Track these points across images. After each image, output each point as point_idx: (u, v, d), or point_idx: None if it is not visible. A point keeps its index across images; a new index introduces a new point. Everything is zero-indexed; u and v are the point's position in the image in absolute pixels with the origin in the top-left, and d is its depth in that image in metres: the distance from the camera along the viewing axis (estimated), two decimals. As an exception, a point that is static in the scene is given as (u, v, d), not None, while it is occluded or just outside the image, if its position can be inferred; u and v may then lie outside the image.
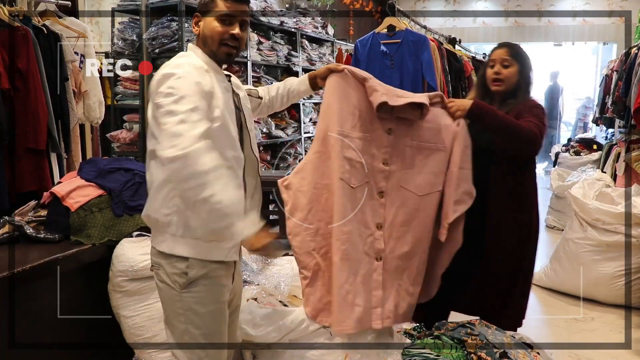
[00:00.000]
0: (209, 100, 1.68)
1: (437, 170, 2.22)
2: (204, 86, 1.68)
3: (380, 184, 2.18)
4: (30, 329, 2.15)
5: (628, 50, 4.56)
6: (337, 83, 2.11)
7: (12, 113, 3.01)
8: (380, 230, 2.17)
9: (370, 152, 2.15)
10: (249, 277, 2.55)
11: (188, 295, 1.76)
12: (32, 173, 3.10)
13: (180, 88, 1.62)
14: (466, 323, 2.43)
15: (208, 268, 1.76)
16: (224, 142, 1.73)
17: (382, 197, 2.18)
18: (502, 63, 2.45)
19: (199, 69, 1.72)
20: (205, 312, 1.78)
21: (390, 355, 2.25)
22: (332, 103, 2.11)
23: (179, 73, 1.64)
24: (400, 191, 2.19)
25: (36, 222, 2.45)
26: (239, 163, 1.81)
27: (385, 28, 3.66)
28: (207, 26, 1.78)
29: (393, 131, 2.18)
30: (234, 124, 1.80)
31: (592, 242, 3.74)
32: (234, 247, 1.81)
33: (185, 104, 1.59)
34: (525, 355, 2.25)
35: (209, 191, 1.55)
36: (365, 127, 2.13)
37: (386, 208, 2.18)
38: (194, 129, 1.57)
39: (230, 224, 1.60)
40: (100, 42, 5.71)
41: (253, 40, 5.27)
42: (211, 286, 1.78)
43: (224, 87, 1.80)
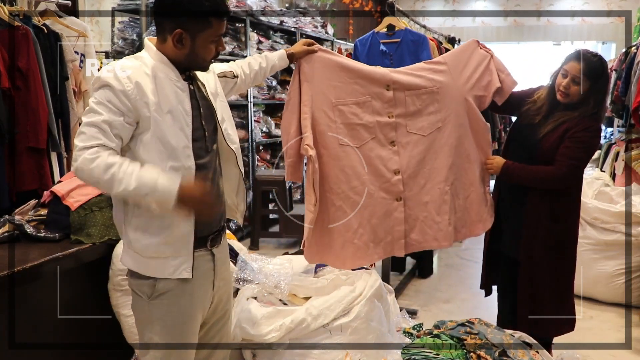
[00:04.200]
0: (133, 110, 1.61)
1: (434, 109, 2.47)
2: (134, 96, 1.60)
3: (390, 134, 2.44)
4: (30, 328, 2.15)
5: (627, 50, 4.55)
6: (315, 63, 2.31)
7: (13, 112, 3.01)
8: (398, 175, 2.44)
9: (374, 110, 2.40)
10: (248, 276, 2.56)
11: (154, 304, 1.75)
12: (32, 172, 3.10)
13: (95, 98, 1.61)
14: (465, 322, 2.43)
15: (160, 284, 1.74)
16: (155, 154, 1.65)
17: (394, 145, 2.45)
18: (574, 79, 2.37)
19: (143, 74, 1.64)
20: (170, 324, 1.76)
21: (390, 354, 2.25)
22: (316, 84, 2.31)
23: (104, 80, 1.60)
24: (409, 136, 2.46)
25: (36, 221, 2.45)
26: (183, 173, 1.68)
27: (385, 27, 3.65)
28: (201, 47, 1.69)
29: (391, 87, 2.42)
30: (188, 127, 1.70)
31: (591, 241, 3.74)
32: (182, 265, 1.73)
33: (87, 117, 1.61)
34: (524, 354, 2.25)
35: (115, 188, 1.57)
36: (363, 90, 2.38)
37: (400, 154, 2.45)
38: (85, 142, 1.58)
39: (152, 190, 1.58)
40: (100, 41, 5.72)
41: (253, 40, 5.27)
42: (172, 299, 1.75)
43: (178, 88, 1.71)
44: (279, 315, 2.29)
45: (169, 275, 1.72)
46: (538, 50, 11.85)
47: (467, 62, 2.52)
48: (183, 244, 1.72)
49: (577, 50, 2.44)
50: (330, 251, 2.43)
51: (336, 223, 2.40)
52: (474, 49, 2.55)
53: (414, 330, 2.68)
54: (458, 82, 2.49)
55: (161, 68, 1.69)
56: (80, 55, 3.54)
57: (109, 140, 1.59)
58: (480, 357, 2.20)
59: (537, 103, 2.51)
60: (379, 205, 2.44)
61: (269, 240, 5.26)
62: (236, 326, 2.31)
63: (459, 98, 2.48)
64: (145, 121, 1.63)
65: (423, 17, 10.64)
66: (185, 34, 1.65)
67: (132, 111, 1.61)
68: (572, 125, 2.37)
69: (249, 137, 5.32)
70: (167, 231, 1.69)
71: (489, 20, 11.45)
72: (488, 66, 2.52)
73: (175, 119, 1.68)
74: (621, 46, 9.08)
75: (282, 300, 2.55)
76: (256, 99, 5.42)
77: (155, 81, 1.66)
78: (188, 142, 1.70)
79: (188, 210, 1.66)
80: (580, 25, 10.92)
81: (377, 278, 2.50)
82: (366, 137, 2.40)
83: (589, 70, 2.35)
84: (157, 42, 1.72)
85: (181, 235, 1.71)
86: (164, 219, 1.68)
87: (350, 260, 2.45)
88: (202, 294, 1.83)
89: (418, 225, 2.50)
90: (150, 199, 1.59)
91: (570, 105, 2.41)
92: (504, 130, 6.12)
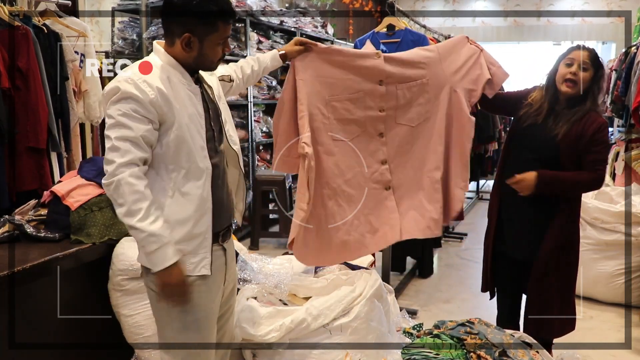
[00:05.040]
0: (158, 115, 1.66)
1: (423, 100, 2.51)
2: (159, 104, 1.64)
3: (379, 127, 2.49)
4: (30, 328, 2.15)
5: (627, 50, 4.55)
6: (309, 62, 2.32)
7: (13, 112, 3.01)
8: (385, 164, 2.51)
9: (366, 105, 2.45)
10: (248, 276, 2.56)
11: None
12: (32, 172, 3.10)
13: (120, 110, 1.62)
14: (465, 322, 2.43)
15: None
16: (178, 156, 1.70)
17: (383, 136, 2.50)
18: (582, 65, 2.37)
19: (160, 79, 1.68)
20: (190, 320, 1.80)
21: (390, 354, 2.25)
22: (311, 81, 2.31)
23: (126, 91, 1.62)
24: (397, 127, 2.52)
25: (36, 221, 2.46)
26: (201, 173, 1.75)
27: (385, 27, 3.65)
28: (210, 50, 1.73)
29: (384, 82, 2.45)
30: (202, 129, 1.76)
31: (591, 241, 3.75)
32: (202, 262, 1.78)
33: (117, 131, 1.62)
34: (524, 354, 2.25)
35: (132, 218, 1.62)
36: (355, 87, 2.41)
37: (387, 145, 2.51)
38: (122, 157, 1.60)
39: (150, 252, 1.64)
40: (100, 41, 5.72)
41: (253, 40, 5.27)
42: (192, 295, 1.78)
43: (190, 91, 1.76)
44: (279, 315, 2.29)
45: (189, 273, 1.75)
46: (538, 50, 11.85)
47: (457, 54, 2.54)
48: (202, 241, 1.77)
49: (573, 45, 2.48)
50: (328, 249, 2.43)
51: (334, 218, 2.42)
52: (464, 43, 2.57)
53: (414, 330, 2.68)
54: (447, 72, 2.50)
55: (173, 72, 1.73)
56: (80, 55, 3.54)
57: (144, 152, 1.65)
58: (480, 357, 2.20)
59: (533, 105, 2.50)
60: (371, 196, 2.49)
61: (269, 240, 5.27)
62: (236, 326, 2.31)
63: (447, 88, 2.50)
64: (169, 124, 1.68)
65: (423, 17, 10.64)
66: (193, 38, 1.69)
67: (157, 117, 1.66)
68: (586, 125, 2.37)
69: (249, 137, 5.32)
70: (187, 229, 1.73)
71: (489, 20, 11.45)
72: (478, 60, 2.53)
73: (193, 122, 1.73)
74: (621, 46, 9.09)
75: (282, 300, 2.55)
76: (256, 99, 5.42)
77: (171, 85, 1.70)
78: (204, 143, 1.77)
79: (163, 284, 1.70)
80: (580, 25, 10.92)
81: (377, 278, 2.50)
82: (356, 131, 2.46)
83: (593, 57, 2.39)
84: (165, 46, 1.76)
85: (200, 233, 1.76)
86: (182, 216, 1.73)
87: (349, 252, 2.49)
88: (217, 288, 1.88)
89: (410, 214, 2.54)
90: (146, 251, 1.66)
91: (572, 99, 2.41)
92: (504, 130, 6.13)
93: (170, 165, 1.70)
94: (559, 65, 2.45)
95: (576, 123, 2.38)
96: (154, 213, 1.64)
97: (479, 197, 7.61)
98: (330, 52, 2.38)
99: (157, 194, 1.70)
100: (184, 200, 1.72)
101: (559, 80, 2.42)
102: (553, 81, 2.45)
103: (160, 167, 1.71)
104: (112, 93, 1.64)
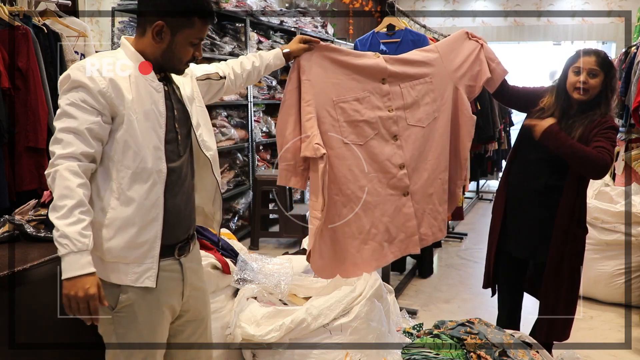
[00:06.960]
0: (109, 108, 1.57)
1: (429, 100, 2.48)
2: (109, 94, 1.55)
3: (392, 128, 2.41)
4: (30, 328, 2.14)
5: (627, 50, 4.55)
6: (314, 61, 2.26)
7: (12, 112, 3.01)
8: (404, 169, 2.42)
9: (374, 105, 2.38)
10: (249, 276, 2.56)
11: (118, 318, 1.70)
12: (32, 172, 3.10)
13: (68, 100, 1.54)
14: (465, 322, 2.43)
15: (124, 295, 1.67)
16: (126, 154, 1.60)
17: (397, 139, 2.42)
18: (590, 72, 2.36)
19: (117, 71, 1.59)
20: (133, 339, 1.71)
21: (390, 354, 2.25)
22: (317, 82, 2.26)
23: (76, 80, 1.54)
24: (410, 129, 2.45)
25: (36, 221, 2.45)
26: (149, 176, 1.62)
27: (385, 27, 3.66)
28: (180, 47, 1.65)
29: (386, 80, 2.40)
30: (161, 129, 1.66)
31: (591, 241, 3.74)
32: (146, 272, 1.64)
33: (63, 122, 1.54)
34: (524, 354, 2.25)
35: (53, 214, 1.50)
36: (361, 86, 2.36)
37: (403, 148, 2.43)
38: (63, 149, 1.52)
39: (61, 255, 1.51)
40: (100, 41, 5.71)
41: (253, 40, 5.27)
42: (136, 312, 1.68)
43: (153, 88, 1.66)
44: (279, 315, 2.29)
45: (130, 283, 1.63)
46: (538, 50, 11.86)
47: (458, 51, 2.52)
48: (148, 250, 1.64)
49: (581, 49, 2.44)
50: (344, 260, 2.36)
51: (349, 227, 2.34)
52: (464, 39, 2.55)
53: (414, 330, 2.68)
54: (449, 70, 2.49)
55: (136, 66, 1.64)
56: (80, 55, 3.54)
57: (88, 146, 1.54)
58: (480, 357, 2.20)
59: (545, 111, 2.47)
60: (388, 203, 2.41)
61: (269, 240, 5.26)
62: (236, 326, 2.31)
63: (450, 86, 2.49)
64: (120, 119, 1.59)
65: (423, 17, 10.65)
66: (166, 28, 1.61)
67: (108, 109, 1.57)
68: (596, 125, 2.35)
69: (249, 137, 5.31)
70: (130, 235, 1.61)
71: (489, 20, 11.45)
72: (478, 55, 2.52)
73: (148, 119, 1.63)
74: (621, 46, 9.09)
75: (282, 300, 2.55)
76: (256, 99, 5.42)
77: (130, 79, 1.61)
78: (160, 144, 1.65)
79: (65, 295, 1.53)
80: (580, 25, 10.92)
81: (377, 278, 2.49)
82: (370, 134, 2.36)
83: (602, 61, 2.36)
84: (135, 38, 1.69)
85: (145, 241, 1.63)
86: (126, 221, 1.61)
87: (367, 263, 2.40)
88: (162, 309, 1.74)
89: (426, 218, 2.51)
90: (58, 253, 1.52)
91: (585, 104, 2.39)
92: (504, 130, 6.13)
93: (118, 164, 1.59)
94: (567, 72, 2.43)
95: (589, 126, 2.37)
96: (78, 215, 1.49)
97: (479, 197, 7.62)
98: (333, 50, 2.32)
99: (105, 195, 1.60)
100: (129, 204, 1.60)
101: (569, 88, 2.41)
102: (564, 88, 2.43)
103: (110, 166, 1.60)
104: (64, 82, 1.56)
